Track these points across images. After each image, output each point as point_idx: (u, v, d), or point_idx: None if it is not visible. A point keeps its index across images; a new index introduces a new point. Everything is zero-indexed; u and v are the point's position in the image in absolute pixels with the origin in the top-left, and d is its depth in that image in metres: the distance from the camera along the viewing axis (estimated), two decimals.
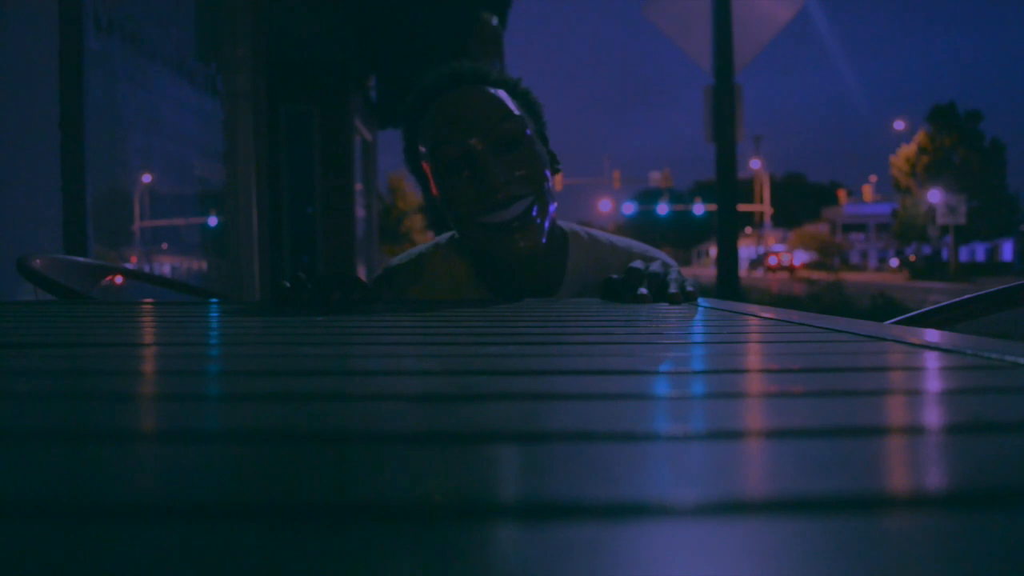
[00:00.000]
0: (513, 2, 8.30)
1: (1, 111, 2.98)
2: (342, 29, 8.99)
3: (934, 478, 0.34)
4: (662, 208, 62.64)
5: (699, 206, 60.27)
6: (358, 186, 10.51)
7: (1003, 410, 0.51)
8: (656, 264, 1.59)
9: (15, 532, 0.27)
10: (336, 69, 9.39)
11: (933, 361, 0.74)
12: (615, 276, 1.61)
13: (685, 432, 0.43)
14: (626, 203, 70.97)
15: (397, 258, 2.04)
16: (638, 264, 1.52)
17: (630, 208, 70.97)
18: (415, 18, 8.52)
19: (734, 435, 0.42)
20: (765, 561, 0.24)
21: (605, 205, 73.74)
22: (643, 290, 1.46)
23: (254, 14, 6.08)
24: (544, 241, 1.65)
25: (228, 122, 5.86)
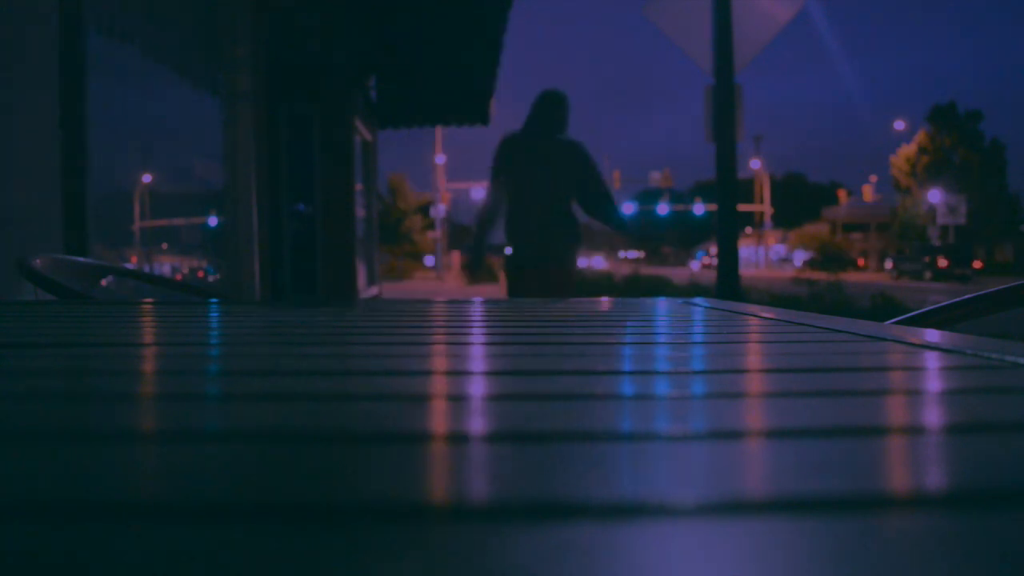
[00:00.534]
0: (513, 2, 8.30)
1: (1, 111, 2.98)
2: (342, 29, 8.98)
3: (934, 478, 0.34)
4: (662, 208, 62.58)
5: (699, 206, 60.22)
6: (358, 186, 10.49)
7: (1003, 410, 0.51)
8: None
9: (15, 532, 0.27)
10: (336, 69, 9.38)
11: (933, 361, 0.74)
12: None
13: (686, 432, 0.43)
14: (626, 203, 70.86)
15: None
16: None
17: (630, 208, 70.83)
18: (415, 18, 8.51)
19: (734, 435, 0.42)
20: (765, 561, 0.24)
21: None
22: None
23: (254, 14, 6.08)
24: None
25: (228, 122, 5.86)
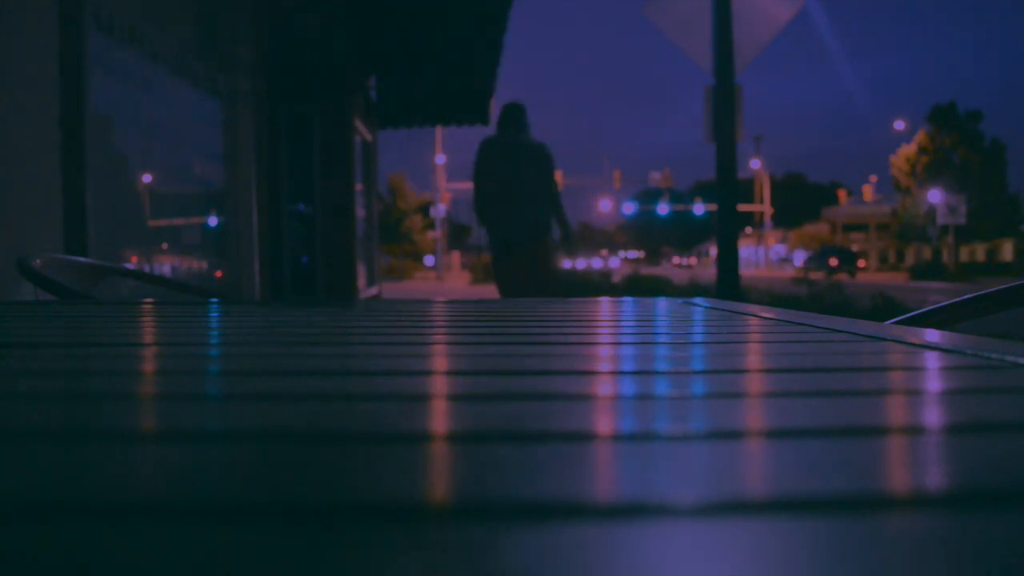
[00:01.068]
0: (514, 2, 8.31)
1: (1, 111, 2.98)
2: (342, 29, 8.98)
3: (934, 478, 0.34)
4: (662, 208, 62.57)
5: (699, 206, 60.21)
6: (358, 186, 10.49)
7: (1003, 410, 0.51)
8: None
9: (15, 532, 0.27)
10: (336, 69, 9.38)
11: (933, 361, 0.74)
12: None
13: (686, 432, 0.43)
14: (626, 203, 70.92)
15: None
16: None
17: (630, 208, 70.91)
18: (415, 19, 8.51)
19: (734, 435, 0.42)
20: (765, 561, 0.24)
21: (605, 205, 73.70)
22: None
23: (254, 14, 6.08)
24: None
25: (228, 122, 5.86)
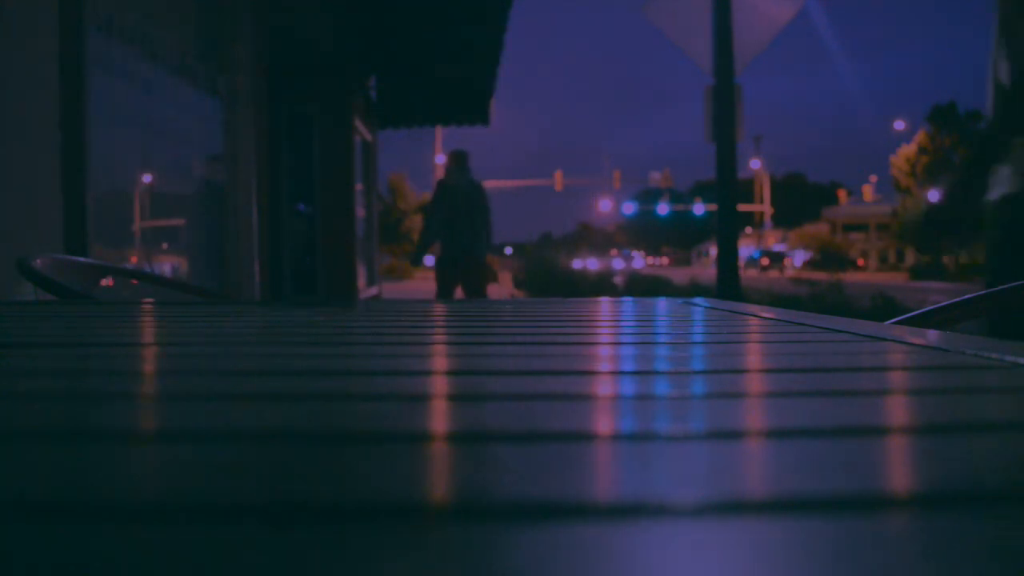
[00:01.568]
0: (513, 2, 8.31)
1: (1, 111, 2.98)
2: (342, 29, 8.99)
3: (934, 478, 0.34)
4: (662, 208, 62.57)
5: (699, 206, 60.19)
6: (358, 186, 10.49)
7: (1003, 410, 0.51)
8: None
9: (15, 532, 0.27)
10: (336, 69, 9.38)
11: (933, 361, 0.74)
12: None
13: (686, 432, 0.43)
14: (626, 203, 70.95)
15: None
16: None
17: (630, 208, 70.93)
18: (415, 18, 8.51)
19: (734, 435, 0.42)
20: (765, 561, 0.24)
21: (605, 205, 73.72)
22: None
23: (254, 14, 6.08)
24: None
25: (228, 122, 5.86)
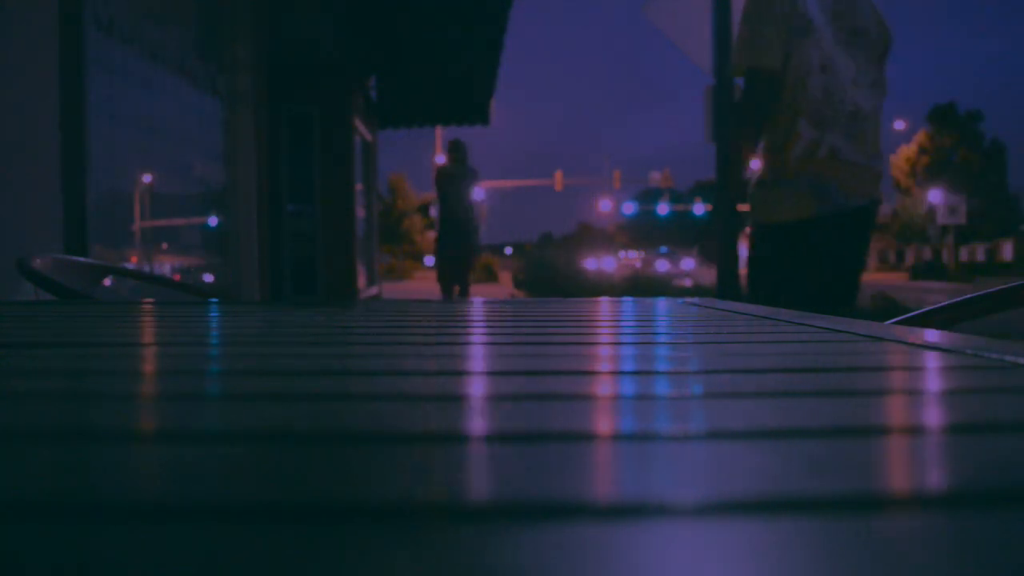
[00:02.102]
0: (514, 2, 8.31)
1: (1, 111, 2.98)
2: (342, 29, 8.99)
3: (934, 478, 0.34)
4: (662, 208, 62.55)
5: (699, 206, 60.16)
6: (358, 186, 10.49)
7: (1003, 410, 0.51)
8: None
9: (15, 532, 0.27)
10: (336, 69, 9.38)
11: (933, 361, 0.74)
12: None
13: (686, 432, 0.43)
14: (626, 203, 70.93)
15: None
16: None
17: (630, 208, 70.92)
18: (415, 18, 8.52)
19: (734, 435, 0.42)
20: (764, 561, 0.24)
21: (605, 205, 73.70)
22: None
23: (254, 14, 6.08)
24: None
25: (228, 122, 5.86)
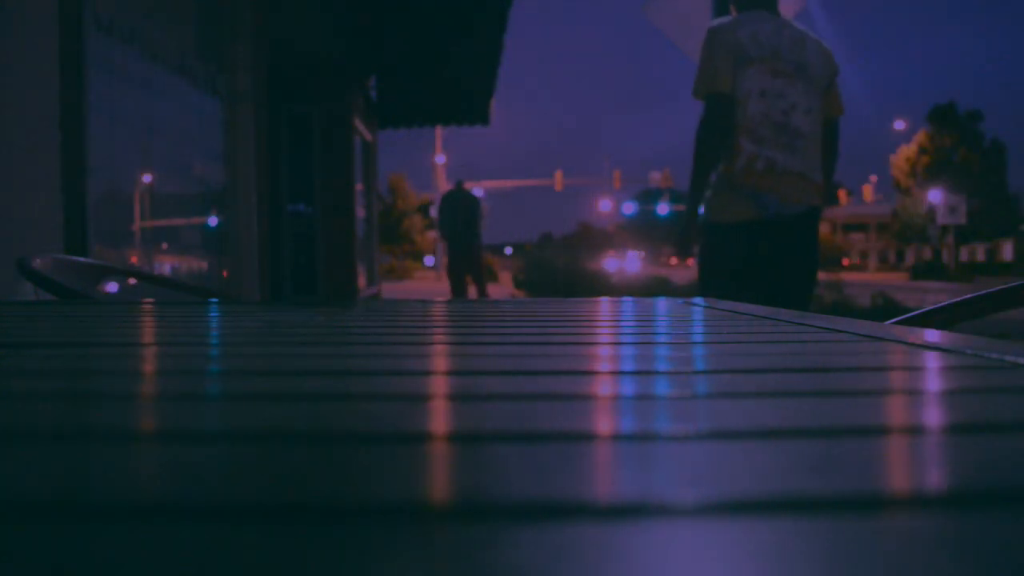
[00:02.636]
0: (514, 2, 8.32)
1: (1, 111, 2.98)
2: (342, 29, 8.99)
3: (934, 478, 0.34)
4: (662, 208, 62.56)
5: (699, 206, 60.05)
6: (358, 186, 10.49)
7: (1003, 410, 0.51)
8: None
9: (15, 533, 0.27)
10: (336, 69, 9.38)
11: (933, 361, 0.74)
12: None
13: (686, 432, 0.43)
14: (626, 203, 70.93)
15: None
16: None
17: (630, 208, 70.92)
18: (415, 18, 8.52)
19: (734, 435, 0.42)
20: (765, 561, 0.24)
21: (605, 205, 73.68)
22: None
23: (254, 14, 6.08)
24: None
25: (228, 122, 5.86)
